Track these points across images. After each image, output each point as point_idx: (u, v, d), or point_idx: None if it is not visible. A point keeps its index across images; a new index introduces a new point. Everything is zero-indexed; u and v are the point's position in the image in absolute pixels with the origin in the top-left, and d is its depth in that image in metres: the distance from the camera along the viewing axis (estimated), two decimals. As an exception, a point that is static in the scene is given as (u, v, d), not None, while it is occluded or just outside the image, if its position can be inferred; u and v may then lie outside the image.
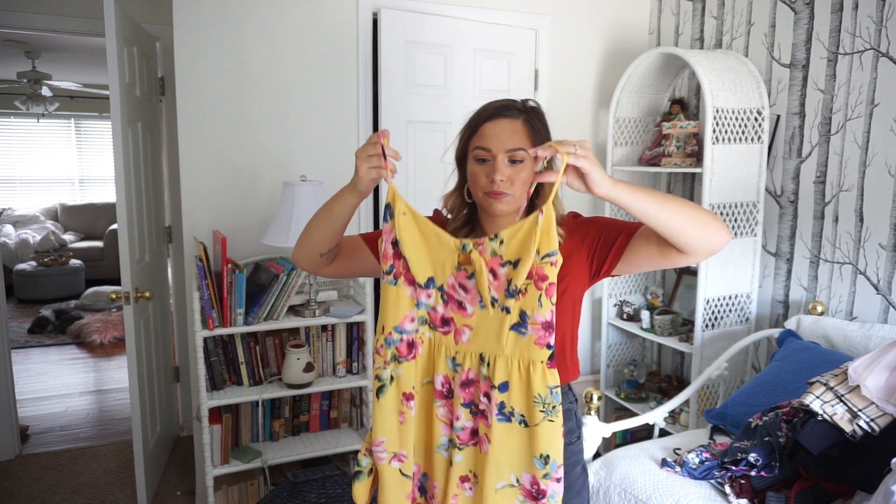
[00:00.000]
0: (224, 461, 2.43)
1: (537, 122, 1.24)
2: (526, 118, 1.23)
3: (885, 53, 2.27)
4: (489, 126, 1.22)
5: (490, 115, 1.23)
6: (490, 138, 1.21)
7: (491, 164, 1.21)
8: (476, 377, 1.11)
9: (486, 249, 1.08)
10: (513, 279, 1.06)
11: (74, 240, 7.39)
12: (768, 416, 1.90)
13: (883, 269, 2.33)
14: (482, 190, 1.22)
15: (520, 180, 1.21)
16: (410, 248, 1.11)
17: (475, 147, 1.23)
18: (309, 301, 2.52)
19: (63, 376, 4.48)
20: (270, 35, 2.61)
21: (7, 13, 3.11)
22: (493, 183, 1.20)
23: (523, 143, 1.20)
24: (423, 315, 1.15)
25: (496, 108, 1.24)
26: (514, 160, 1.20)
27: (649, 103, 3.08)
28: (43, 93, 5.85)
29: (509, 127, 1.21)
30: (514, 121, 1.21)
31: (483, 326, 1.10)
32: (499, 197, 1.21)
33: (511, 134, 1.20)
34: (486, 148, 1.21)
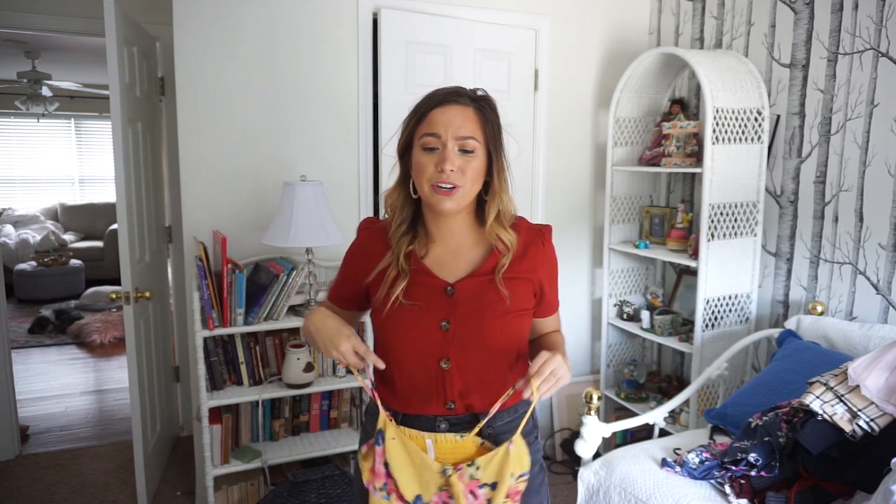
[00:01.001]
0: (224, 461, 2.43)
1: (489, 111, 1.18)
2: (477, 105, 1.17)
3: (885, 53, 2.27)
4: (438, 112, 1.15)
5: (439, 101, 1.16)
6: (439, 124, 1.13)
7: (440, 152, 1.13)
8: None
9: (464, 474, 1.15)
10: (492, 499, 1.15)
11: (74, 240, 7.39)
12: (768, 416, 1.90)
13: (883, 269, 2.33)
14: (429, 182, 1.15)
15: (470, 171, 1.15)
16: (399, 469, 1.17)
17: (423, 134, 1.15)
18: (309, 301, 2.52)
19: (63, 376, 4.48)
20: (270, 35, 2.61)
21: (7, 13, 3.11)
22: (443, 173, 1.13)
23: (474, 132, 1.15)
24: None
25: (445, 93, 1.17)
26: (464, 150, 1.14)
27: (649, 103, 3.08)
28: (43, 93, 5.85)
29: (460, 113, 1.14)
30: (465, 107, 1.15)
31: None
32: (448, 193, 1.15)
33: (462, 121, 1.14)
34: (435, 134, 1.14)
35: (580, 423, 2.23)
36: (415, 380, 1.22)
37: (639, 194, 3.17)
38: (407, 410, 1.23)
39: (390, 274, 1.22)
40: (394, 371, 1.23)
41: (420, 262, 1.23)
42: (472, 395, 1.22)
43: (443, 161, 1.13)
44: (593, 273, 3.37)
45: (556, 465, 3.21)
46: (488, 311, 1.19)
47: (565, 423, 3.29)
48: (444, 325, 1.20)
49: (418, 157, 1.16)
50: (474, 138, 1.14)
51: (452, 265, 1.23)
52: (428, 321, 1.20)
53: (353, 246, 1.34)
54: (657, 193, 3.24)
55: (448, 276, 1.22)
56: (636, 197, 3.17)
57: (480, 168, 1.16)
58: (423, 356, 1.20)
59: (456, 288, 1.20)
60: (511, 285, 1.21)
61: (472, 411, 1.22)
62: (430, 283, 1.21)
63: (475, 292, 1.20)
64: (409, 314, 1.20)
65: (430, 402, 1.22)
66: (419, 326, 1.20)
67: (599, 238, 3.30)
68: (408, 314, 1.20)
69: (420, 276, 1.22)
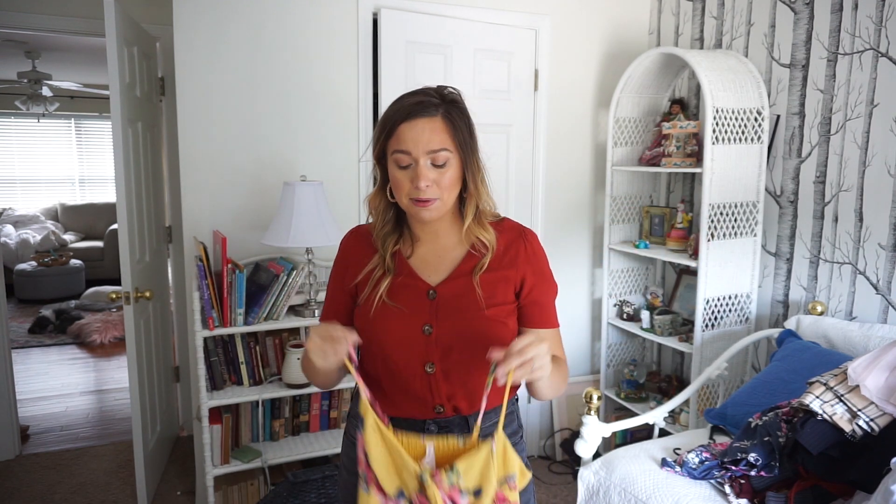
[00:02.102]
0: (224, 461, 2.43)
1: (457, 117, 1.15)
2: (444, 113, 1.14)
3: (885, 53, 2.27)
4: (406, 128, 1.12)
5: (406, 115, 1.13)
6: (409, 141, 1.12)
7: (413, 168, 1.13)
8: None
9: (442, 481, 1.06)
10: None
11: (74, 240, 7.39)
12: (768, 416, 1.90)
13: (882, 269, 2.33)
14: (407, 196, 1.15)
15: (445, 181, 1.14)
16: (377, 462, 1.10)
17: (394, 150, 1.14)
18: (309, 301, 2.52)
19: (63, 376, 4.48)
20: (270, 35, 2.61)
21: (7, 13, 3.11)
22: (419, 189, 1.12)
23: (444, 142, 1.13)
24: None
25: (412, 105, 1.14)
26: (436, 164, 1.13)
27: (649, 103, 3.08)
28: (43, 93, 5.85)
29: (428, 126, 1.12)
30: (433, 119, 1.13)
31: None
32: (425, 205, 1.14)
33: (431, 134, 1.12)
34: (405, 151, 1.12)
35: (580, 423, 2.23)
36: (402, 383, 1.22)
37: (639, 194, 3.17)
38: (397, 413, 1.22)
39: (377, 274, 1.22)
40: (381, 374, 1.23)
41: (405, 262, 1.23)
42: (459, 398, 1.22)
43: (417, 178, 1.12)
44: (593, 273, 3.37)
45: (556, 465, 3.21)
46: (467, 312, 1.19)
47: (565, 423, 3.29)
48: (426, 330, 1.19)
49: (394, 172, 1.16)
50: (445, 149, 1.13)
51: (436, 265, 1.23)
52: (411, 325, 1.19)
53: (337, 256, 1.33)
54: (657, 193, 3.24)
55: (432, 276, 1.22)
56: (636, 197, 3.17)
57: (456, 175, 1.16)
58: (409, 360, 1.20)
59: (438, 291, 1.21)
60: (488, 285, 1.20)
61: (460, 413, 1.23)
62: (414, 286, 1.21)
63: (455, 294, 1.20)
64: (393, 316, 1.20)
65: (418, 406, 1.22)
66: (403, 330, 1.20)
67: (599, 238, 3.30)
68: (392, 316, 1.20)
69: (405, 277, 1.22)
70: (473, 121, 1.20)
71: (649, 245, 3.01)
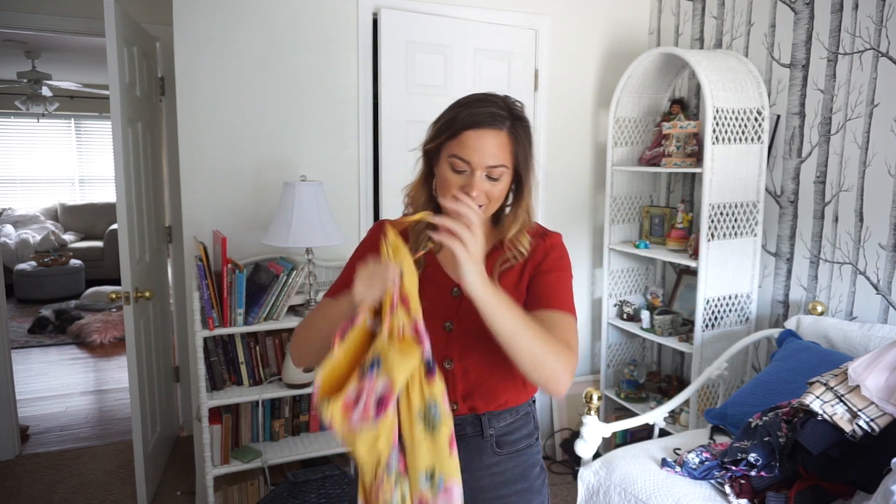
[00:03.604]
0: (224, 461, 2.43)
1: (522, 134, 1.17)
2: (511, 129, 1.15)
3: (885, 53, 2.27)
4: (472, 136, 1.13)
5: (474, 123, 1.13)
6: (472, 151, 1.12)
7: (467, 176, 1.14)
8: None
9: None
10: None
11: (74, 240, 7.39)
12: (768, 416, 1.90)
13: (883, 269, 2.33)
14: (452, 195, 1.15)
15: (496, 193, 1.17)
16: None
17: (452, 154, 1.14)
18: (309, 301, 2.52)
19: (63, 376, 4.48)
20: (270, 35, 2.61)
21: (7, 13, 3.11)
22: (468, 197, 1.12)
23: (504, 160, 1.14)
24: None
25: (481, 115, 1.14)
26: (491, 177, 1.14)
27: (649, 103, 3.08)
28: (43, 93, 5.85)
29: (494, 141, 1.13)
30: (500, 132, 1.14)
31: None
32: None
33: (494, 149, 1.13)
34: (465, 160, 1.13)
35: (580, 423, 2.23)
36: None
37: (639, 194, 3.17)
38: None
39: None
40: None
41: (434, 257, 1.24)
42: (475, 397, 1.22)
43: (470, 187, 1.13)
44: (593, 273, 3.37)
45: (556, 465, 3.21)
46: None
47: (565, 423, 3.29)
48: (447, 326, 1.21)
49: (446, 172, 1.16)
50: (504, 166, 1.15)
51: None
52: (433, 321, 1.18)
53: (364, 240, 1.33)
54: (657, 193, 3.24)
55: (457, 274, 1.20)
56: (636, 197, 3.17)
57: (505, 188, 1.18)
58: None
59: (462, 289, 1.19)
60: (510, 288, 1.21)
61: (476, 412, 1.23)
62: (440, 282, 1.22)
63: None
64: None
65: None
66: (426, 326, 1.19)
67: (599, 238, 3.30)
68: None
69: (432, 271, 1.22)
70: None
71: (649, 245, 3.01)
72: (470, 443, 1.22)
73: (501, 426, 1.24)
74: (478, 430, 1.23)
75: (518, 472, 1.26)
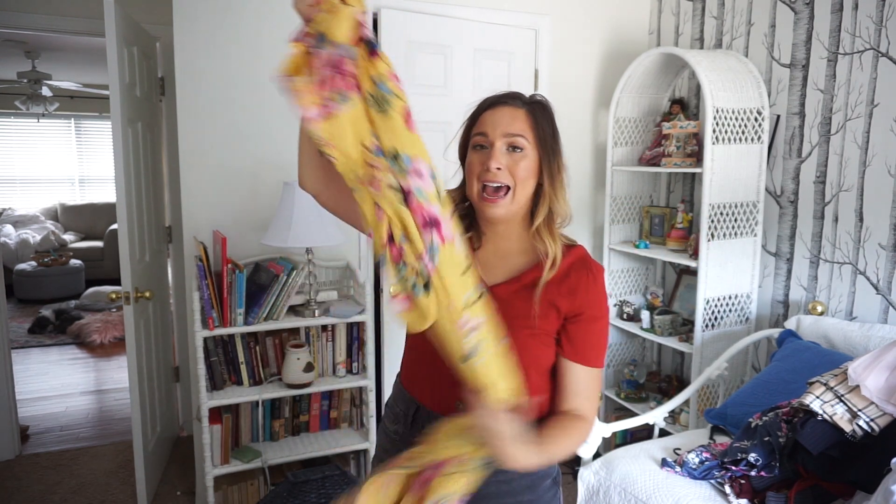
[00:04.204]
0: (224, 461, 2.43)
1: (540, 114, 1.16)
2: (529, 108, 1.16)
3: (885, 53, 2.27)
4: (488, 113, 1.16)
5: (491, 104, 1.18)
6: (488, 123, 1.15)
7: (488, 150, 1.14)
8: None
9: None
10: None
11: (74, 240, 7.39)
12: (768, 416, 1.90)
13: (883, 269, 2.33)
14: (479, 181, 1.15)
15: (520, 171, 1.13)
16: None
17: (474, 134, 1.17)
18: (309, 301, 2.52)
19: (63, 376, 4.48)
20: (270, 34, 2.61)
21: (7, 13, 3.11)
22: (489, 171, 1.12)
23: (523, 130, 1.13)
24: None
25: (498, 96, 1.19)
26: (514, 145, 1.13)
27: (649, 103, 3.08)
28: (43, 93, 5.85)
29: (510, 113, 1.15)
30: (517, 109, 1.15)
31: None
32: (495, 199, 1.13)
33: (511, 119, 1.14)
34: (483, 133, 1.15)
35: (580, 423, 2.23)
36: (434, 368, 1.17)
37: (639, 194, 3.17)
38: (424, 401, 1.23)
39: None
40: (418, 355, 1.24)
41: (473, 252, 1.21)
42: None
43: (489, 159, 1.13)
44: (593, 273, 3.37)
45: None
46: (514, 321, 1.14)
47: (565, 423, 3.28)
48: None
49: (470, 156, 1.18)
50: (523, 136, 1.13)
51: (495, 267, 1.20)
52: None
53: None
54: (657, 193, 3.24)
55: (488, 277, 1.19)
56: (636, 197, 3.17)
57: (531, 168, 1.14)
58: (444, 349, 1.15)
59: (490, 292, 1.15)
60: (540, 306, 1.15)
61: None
62: None
63: (506, 301, 1.15)
64: None
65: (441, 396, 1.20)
66: None
67: (599, 238, 3.30)
68: None
69: None
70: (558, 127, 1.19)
71: (649, 245, 3.01)
72: None
73: None
74: None
75: (526, 482, 1.21)
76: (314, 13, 1.03)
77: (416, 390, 1.26)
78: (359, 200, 1.02)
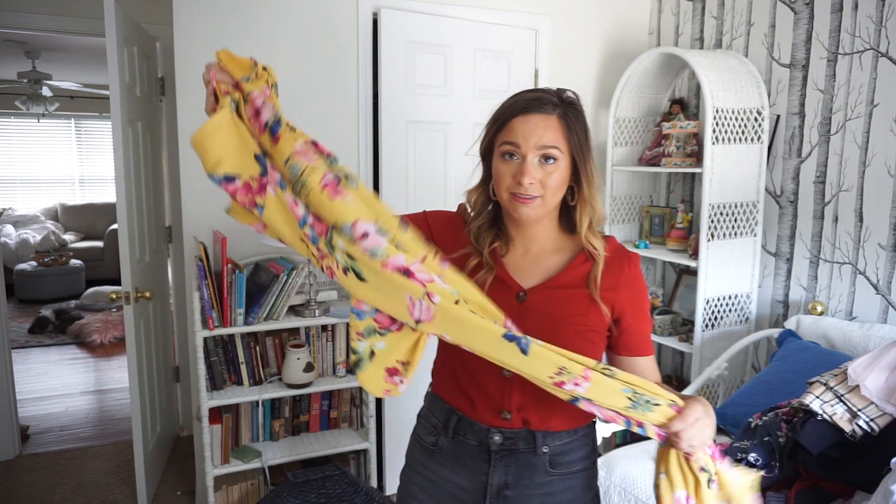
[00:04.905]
0: (224, 461, 2.43)
1: (573, 119, 1.12)
2: (561, 113, 1.11)
3: (885, 53, 2.27)
4: (519, 121, 1.10)
5: (521, 109, 1.11)
6: (519, 134, 1.09)
7: (519, 163, 1.10)
8: None
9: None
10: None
11: (74, 240, 7.39)
12: (768, 416, 1.90)
13: (882, 269, 2.33)
14: (508, 190, 1.12)
15: (552, 182, 1.10)
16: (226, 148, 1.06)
17: (502, 142, 1.12)
18: (309, 301, 2.52)
19: (63, 376, 4.48)
20: (270, 35, 2.61)
21: (7, 13, 3.11)
22: (521, 185, 1.09)
23: (557, 141, 1.09)
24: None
25: (528, 100, 1.11)
26: (546, 157, 1.09)
27: (649, 103, 3.08)
28: (43, 93, 5.85)
29: (542, 123, 1.09)
30: (549, 116, 1.10)
31: None
32: (526, 202, 1.11)
33: (544, 130, 1.09)
34: (514, 143, 1.10)
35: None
36: (475, 379, 1.18)
37: (639, 194, 3.17)
38: (464, 410, 1.20)
39: (472, 262, 1.16)
40: (456, 365, 1.20)
41: (500, 259, 1.18)
42: (531, 410, 1.16)
43: (521, 174, 1.09)
44: (593, 273, 3.37)
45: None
46: (558, 322, 1.13)
47: (565, 423, 3.29)
48: None
49: (498, 164, 1.13)
50: (556, 147, 1.09)
51: (529, 270, 1.18)
52: None
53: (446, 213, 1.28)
54: (657, 193, 3.24)
55: (523, 280, 1.17)
56: (636, 197, 3.17)
57: (562, 178, 1.12)
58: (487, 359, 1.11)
59: (529, 295, 1.15)
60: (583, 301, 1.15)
61: (529, 427, 1.17)
62: (505, 284, 1.16)
63: (548, 302, 1.14)
64: None
65: (486, 407, 1.18)
66: None
67: (599, 238, 3.30)
68: None
69: (500, 273, 1.17)
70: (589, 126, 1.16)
71: (649, 245, 3.01)
72: (521, 458, 1.17)
73: (556, 444, 1.18)
74: (530, 446, 1.17)
75: (570, 496, 1.20)
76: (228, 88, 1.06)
77: (455, 400, 1.22)
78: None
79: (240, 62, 1.04)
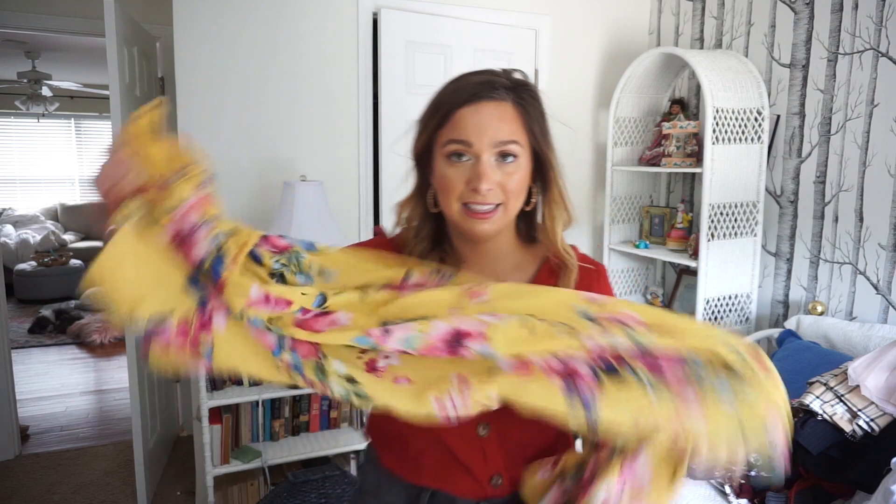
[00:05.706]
0: (224, 461, 2.43)
1: (531, 103, 0.92)
2: (516, 98, 0.90)
3: (885, 53, 2.27)
4: (467, 112, 0.88)
5: (469, 97, 0.88)
6: (471, 130, 0.87)
7: (473, 165, 0.88)
8: None
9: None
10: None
11: (74, 240, 7.39)
12: (768, 416, 1.90)
13: (883, 269, 2.33)
14: (459, 200, 0.89)
15: (513, 185, 0.89)
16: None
17: (448, 140, 0.89)
18: (309, 301, 2.52)
19: (63, 376, 4.48)
20: (270, 35, 2.61)
21: (7, 13, 3.11)
22: (478, 192, 0.87)
23: (515, 133, 0.89)
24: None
25: (476, 85, 0.89)
26: (505, 155, 0.88)
27: (649, 103, 3.08)
28: (43, 93, 5.85)
29: (496, 113, 0.88)
30: (502, 103, 0.89)
31: None
32: (484, 217, 0.88)
33: (500, 122, 0.88)
34: (464, 141, 0.87)
35: (580, 423, 2.23)
36: (448, 450, 0.94)
37: (639, 194, 3.17)
38: (447, 488, 0.96)
39: None
40: (422, 439, 0.94)
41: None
42: (520, 467, 0.96)
43: (478, 179, 0.87)
44: (593, 273, 3.37)
45: (556, 465, 3.21)
46: None
47: (565, 423, 3.29)
48: None
49: (443, 168, 0.90)
50: (515, 142, 0.89)
51: None
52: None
53: (365, 244, 1.06)
54: (657, 193, 3.24)
55: None
56: (636, 197, 3.17)
57: (524, 178, 0.91)
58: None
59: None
60: None
61: (516, 490, 0.96)
62: None
63: None
64: None
65: (470, 480, 0.96)
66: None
67: (599, 238, 3.30)
68: None
69: None
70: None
71: (649, 245, 3.01)
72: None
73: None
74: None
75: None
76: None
77: (420, 476, 0.98)
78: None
79: (162, 145, 0.80)
